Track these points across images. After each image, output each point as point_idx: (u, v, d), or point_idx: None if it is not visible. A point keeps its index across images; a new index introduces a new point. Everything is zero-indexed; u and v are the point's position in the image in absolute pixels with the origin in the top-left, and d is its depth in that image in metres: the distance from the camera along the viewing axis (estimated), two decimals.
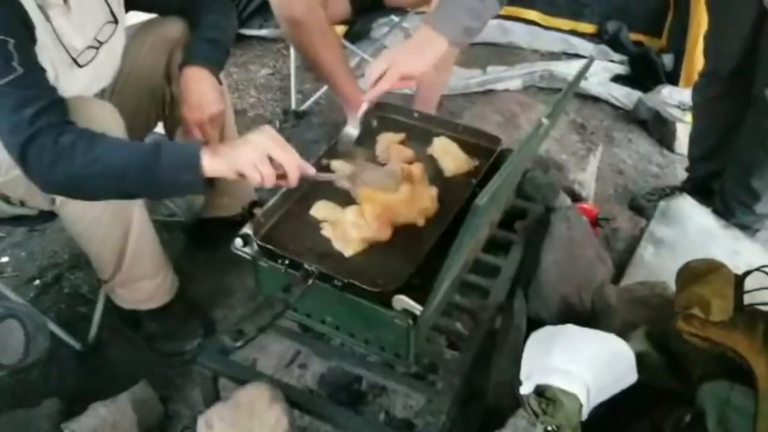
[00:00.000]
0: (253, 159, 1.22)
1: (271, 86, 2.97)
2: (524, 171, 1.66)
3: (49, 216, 1.60)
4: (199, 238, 2.10)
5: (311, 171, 1.28)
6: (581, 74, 1.34)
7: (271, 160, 1.23)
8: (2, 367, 1.32)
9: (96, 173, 1.28)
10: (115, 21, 1.63)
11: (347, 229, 1.31)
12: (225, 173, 1.25)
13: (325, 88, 2.66)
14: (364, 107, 1.51)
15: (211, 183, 1.28)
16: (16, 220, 1.64)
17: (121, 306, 1.77)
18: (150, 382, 1.64)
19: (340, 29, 2.70)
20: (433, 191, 1.38)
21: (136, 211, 1.62)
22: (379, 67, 1.46)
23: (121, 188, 1.35)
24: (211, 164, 1.24)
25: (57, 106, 1.33)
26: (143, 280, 1.72)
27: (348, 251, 1.29)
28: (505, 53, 2.98)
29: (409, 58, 1.48)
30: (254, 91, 2.91)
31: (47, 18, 1.44)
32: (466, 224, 1.03)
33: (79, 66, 1.55)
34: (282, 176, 1.25)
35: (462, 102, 2.67)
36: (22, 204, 1.56)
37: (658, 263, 1.72)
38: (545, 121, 1.18)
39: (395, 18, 2.76)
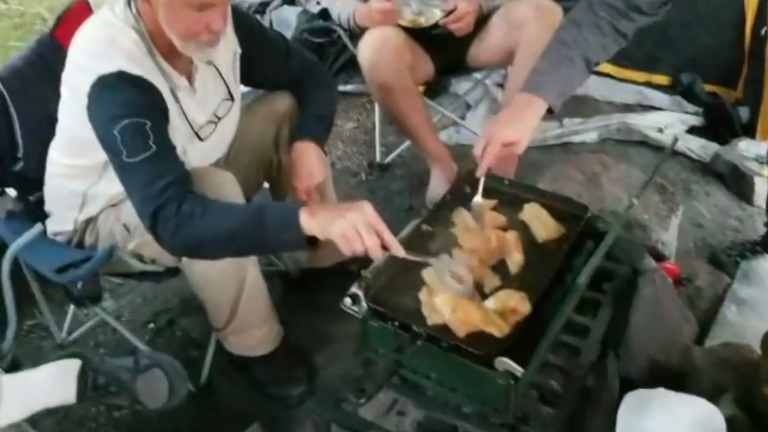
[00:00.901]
0: (343, 230, 1.34)
1: (356, 139, 3.15)
2: None
3: (174, 271, 1.78)
4: (297, 287, 2.26)
5: (400, 253, 1.38)
6: (666, 155, 1.45)
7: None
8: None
9: (211, 237, 1.46)
10: (231, 98, 1.82)
11: (436, 305, 1.39)
12: (318, 235, 1.39)
13: (408, 142, 2.80)
14: (481, 182, 1.63)
15: (314, 242, 1.42)
16: (145, 275, 1.83)
17: (231, 351, 1.93)
18: (260, 423, 1.79)
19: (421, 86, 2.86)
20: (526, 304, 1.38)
21: (250, 266, 1.79)
22: (481, 143, 1.61)
23: (233, 248, 1.52)
24: (308, 225, 1.38)
25: (183, 179, 1.51)
26: (253, 328, 1.88)
27: (430, 320, 1.37)
28: (581, 105, 3.05)
29: (506, 129, 1.61)
30: (341, 144, 3.08)
31: (177, 99, 1.64)
32: (567, 299, 1.15)
33: (201, 140, 1.75)
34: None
35: (540, 155, 2.77)
36: (153, 262, 1.75)
37: (742, 322, 1.78)
38: (635, 201, 1.29)
39: (477, 76, 2.90)
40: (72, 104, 1.63)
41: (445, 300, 1.35)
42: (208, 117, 1.77)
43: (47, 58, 1.92)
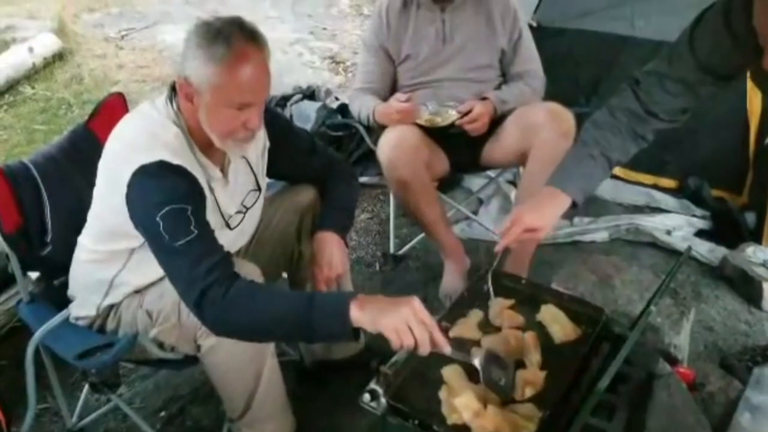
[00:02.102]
0: (395, 325, 1.36)
1: (370, 230, 3.21)
2: None
3: (193, 360, 1.79)
4: (311, 378, 2.26)
5: (446, 350, 1.40)
6: (681, 263, 1.49)
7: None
8: None
9: (258, 321, 1.48)
10: (258, 189, 1.89)
11: (456, 406, 1.40)
12: (367, 327, 1.40)
13: (421, 234, 2.86)
14: (497, 258, 1.75)
15: (358, 333, 1.43)
16: (163, 362, 1.84)
17: None
18: None
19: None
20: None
21: (269, 357, 1.80)
22: (507, 224, 1.70)
23: (279, 332, 1.55)
24: (357, 316, 1.39)
25: (226, 260, 1.54)
26: (267, 421, 1.87)
27: (450, 420, 1.39)
28: (591, 205, 3.11)
29: (532, 215, 1.70)
30: (355, 234, 3.14)
31: (211, 190, 1.70)
32: (586, 403, 1.17)
33: (230, 229, 1.80)
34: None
35: (552, 253, 2.83)
36: (172, 349, 1.76)
37: (756, 430, 1.78)
38: (653, 308, 1.33)
39: (491, 174, 2.99)
40: (107, 192, 1.69)
41: (467, 403, 1.37)
42: (237, 207, 1.83)
43: (81, 147, 2.01)
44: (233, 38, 1.53)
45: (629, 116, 1.70)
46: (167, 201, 1.53)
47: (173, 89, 1.66)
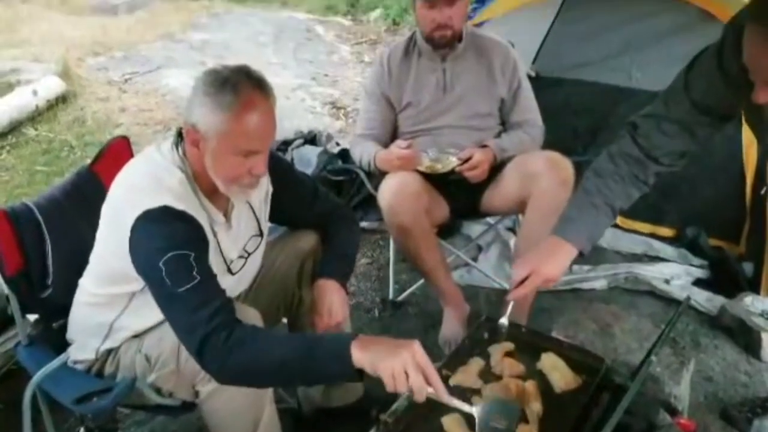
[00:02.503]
0: (393, 369, 1.34)
1: (369, 275, 3.22)
2: None
3: (190, 406, 1.77)
4: (310, 426, 2.23)
5: (444, 398, 1.38)
6: (680, 313, 1.50)
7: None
8: None
9: (260, 366, 1.47)
10: (261, 234, 1.90)
11: None
12: (367, 369, 1.38)
13: (421, 280, 2.86)
14: (510, 306, 1.75)
15: (361, 374, 1.41)
16: (160, 408, 1.82)
17: None
18: None
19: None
20: None
21: (267, 405, 1.78)
22: (523, 273, 1.72)
23: (281, 377, 1.54)
24: (358, 357, 1.38)
25: (227, 307, 1.54)
26: None
27: None
28: (589, 253, 3.12)
29: (549, 265, 1.73)
30: (354, 279, 3.13)
31: (214, 234, 1.71)
32: None
33: (232, 274, 1.81)
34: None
35: (552, 300, 2.83)
36: (170, 395, 1.75)
37: None
38: (654, 358, 1.33)
39: (491, 221, 3.01)
40: (109, 235, 1.70)
41: None
42: (239, 252, 1.84)
43: (84, 190, 2.02)
44: (240, 86, 1.56)
45: (629, 162, 1.74)
46: (170, 247, 1.54)
47: (179, 135, 1.68)
